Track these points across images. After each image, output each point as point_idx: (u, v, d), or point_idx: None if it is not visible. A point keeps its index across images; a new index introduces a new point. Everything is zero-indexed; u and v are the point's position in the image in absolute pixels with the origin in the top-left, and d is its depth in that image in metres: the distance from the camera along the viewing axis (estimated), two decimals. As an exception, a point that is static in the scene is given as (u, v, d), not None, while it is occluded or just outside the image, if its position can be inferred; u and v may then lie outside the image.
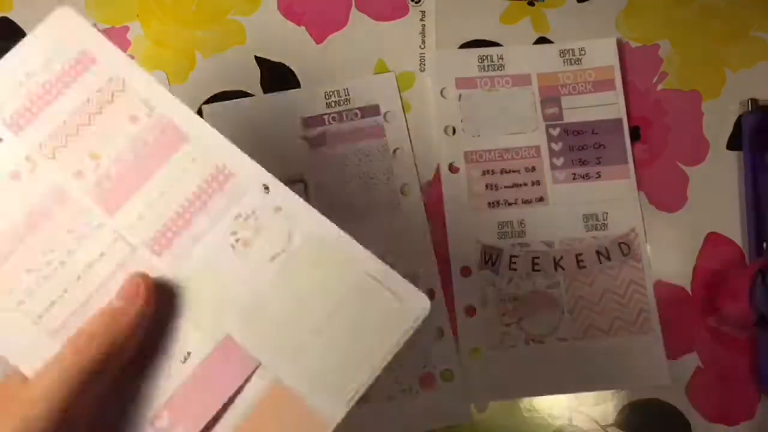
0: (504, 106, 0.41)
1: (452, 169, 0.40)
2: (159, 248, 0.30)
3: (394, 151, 0.40)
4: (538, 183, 0.40)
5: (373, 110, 0.40)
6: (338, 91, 0.40)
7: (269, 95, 0.40)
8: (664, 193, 0.40)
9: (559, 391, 0.38)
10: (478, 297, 0.39)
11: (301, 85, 0.41)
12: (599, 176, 0.40)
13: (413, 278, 0.38)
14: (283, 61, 0.41)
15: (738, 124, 0.41)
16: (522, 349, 0.38)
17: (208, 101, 0.40)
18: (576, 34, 0.42)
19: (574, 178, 0.40)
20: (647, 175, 0.40)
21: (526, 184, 0.40)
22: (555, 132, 0.41)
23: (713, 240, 0.40)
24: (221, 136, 0.31)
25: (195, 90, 0.41)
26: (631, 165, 0.40)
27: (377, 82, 0.41)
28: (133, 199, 0.30)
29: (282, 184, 0.30)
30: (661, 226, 0.40)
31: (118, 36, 0.41)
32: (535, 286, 0.39)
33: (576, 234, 0.39)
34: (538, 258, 0.39)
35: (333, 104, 0.40)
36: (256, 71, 0.41)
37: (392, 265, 0.36)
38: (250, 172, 0.30)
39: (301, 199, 0.30)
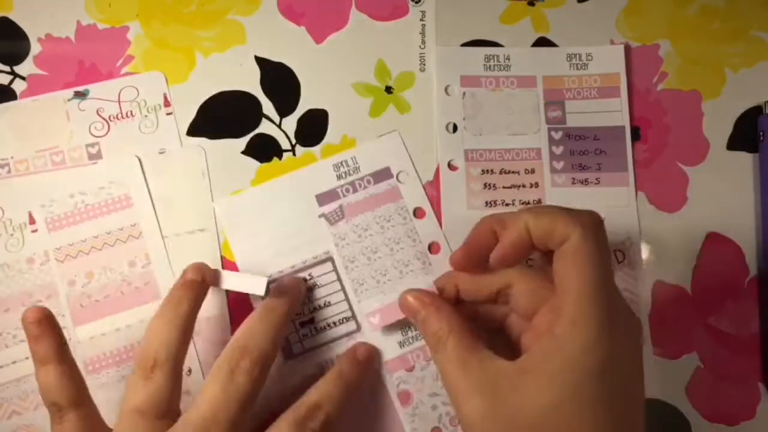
0: (507, 106, 0.41)
1: (451, 167, 0.40)
2: (92, 369, 0.37)
3: (414, 211, 0.39)
4: (536, 185, 0.40)
5: (384, 174, 0.40)
6: (346, 161, 0.40)
7: (277, 181, 0.39)
8: (664, 193, 0.40)
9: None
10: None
11: (301, 87, 0.41)
12: (598, 182, 0.40)
13: None
14: (283, 61, 0.41)
15: (738, 124, 0.41)
16: None
17: (208, 102, 0.41)
18: (576, 34, 0.42)
19: (573, 183, 0.40)
20: (647, 175, 0.40)
21: (524, 186, 0.40)
22: (557, 135, 0.41)
23: (713, 240, 0.40)
24: None
25: (195, 90, 0.41)
26: (631, 173, 0.40)
27: (383, 143, 0.40)
28: (96, 322, 0.37)
29: (202, 376, 0.37)
30: (661, 226, 0.40)
31: (118, 36, 0.41)
32: None
33: None
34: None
35: (344, 175, 0.40)
36: (256, 71, 0.41)
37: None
38: None
39: None
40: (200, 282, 0.33)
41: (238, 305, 0.38)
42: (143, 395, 0.30)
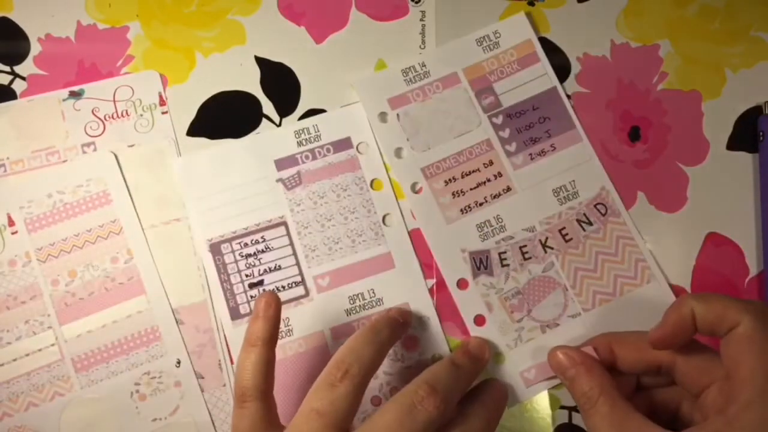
0: (442, 111, 0.40)
1: (416, 189, 0.40)
2: (80, 367, 0.37)
3: (372, 182, 0.40)
4: (500, 175, 0.40)
5: (345, 144, 0.40)
6: (308, 128, 0.40)
7: (239, 140, 0.40)
8: (664, 193, 0.40)
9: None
10: (482, 304, 0.38)
11: (301, 87, 0.41)
12: (554, 148, 0.40)
13: (405, 310, 0.38)
14: (283, 61, 0.41)
15: (738, 124, 0.41)
16: (541, 338, 0.38)
17: (208, 102, 0.41)
18: (576, 34, 0.42)
19: (531, 159, 0.40)
20: (647, 175, 0.40)
21: (489, 180, 0.40)
22: (498, 120, 0.41)
23: (713, 240, 0.40)
24: (169, 305, 0.38)
25: (195, 90, 0.41)
26: (579, 128, 0.40)
27: (346, 114, 0.40)
28: (81, 320, 0.38)
29: (191, 366, 0.37)
30: (661, 226, 0.40)
31: (118, 36, 0.41)
32: (532, 274, 0.39)
33: (552, 211, 0.40)
34: (525, 246, 0.39)
35: (304, 142, 0.40)
36: (256, 71, 0.41)
37: (382, 299, 0.39)
38: (173, 343, 0.38)
39: (198, 385, 0.37)
40: (402, 323, 0.36)
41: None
42: (326, 399, 0.30)
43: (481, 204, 0.40)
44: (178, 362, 0.38)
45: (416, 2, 0.42)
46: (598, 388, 0.31)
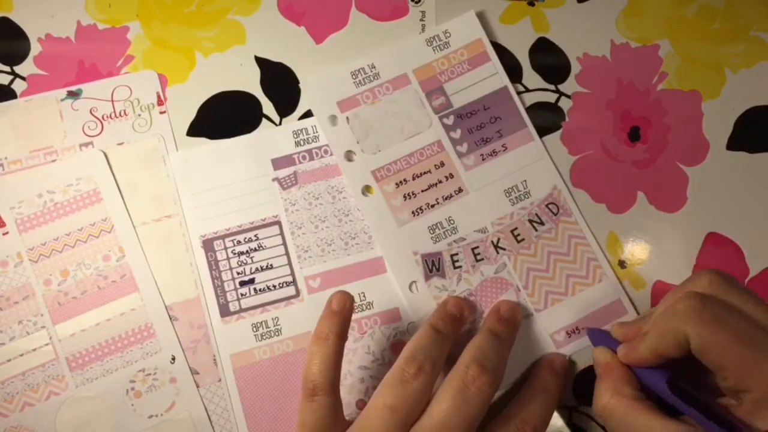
0: (392, 113, 0.40)
1: (366, 193, 0.39)
2: (75, 365, 0.37)
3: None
4: (451, 176, 0.40)
5: None
6: (306, 129, 0.40)
7: (236, 139, 0.40)
8: (664, 193, 0.40)
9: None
10: (433, 307, 0.38)
11: (301, 86, 0.41)
12: (505, 148, 0.40)
13: (395, 314, 0.39)
14: (283, 61, 0.41)
15: (738, 124, 0.41)
16: None
17: (208, 102, 0.41)
18: (576, 34, 0.42)
19: (483, 159, 0.40)
20: (647, 175, 0.40)
21: (441, 182, 0.40)
22: (449, 121, 0.40)
23: (713, 240, 0.40)
24: (162, 301, 0.38)
25: (195, 90, 0.41)
26: (531, 128, 0.40)
27: None
28: (75, 318, 0.38)
29: (185, 361, 0.37)
30: (661, 226, 0.40)
31: (118, 36, 0.41)
32: (484, 275, 0.39)
33: (504, 211, 0.39)
34: (477, 248, 0.39)
35: (302, 142, 0.40)
36: (256, 71, 0.41)
37: (372, 303, 0.39)
38: (168, 339, 0.38)
39: (193, 381, 0.37)
40: (459, 317, 0.36)
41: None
42: (399, 396, 0.31)
43: (432, 206, 0.39)
44: (173, 359, 0.38)
45: (416, 2, 0.42)
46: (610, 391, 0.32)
